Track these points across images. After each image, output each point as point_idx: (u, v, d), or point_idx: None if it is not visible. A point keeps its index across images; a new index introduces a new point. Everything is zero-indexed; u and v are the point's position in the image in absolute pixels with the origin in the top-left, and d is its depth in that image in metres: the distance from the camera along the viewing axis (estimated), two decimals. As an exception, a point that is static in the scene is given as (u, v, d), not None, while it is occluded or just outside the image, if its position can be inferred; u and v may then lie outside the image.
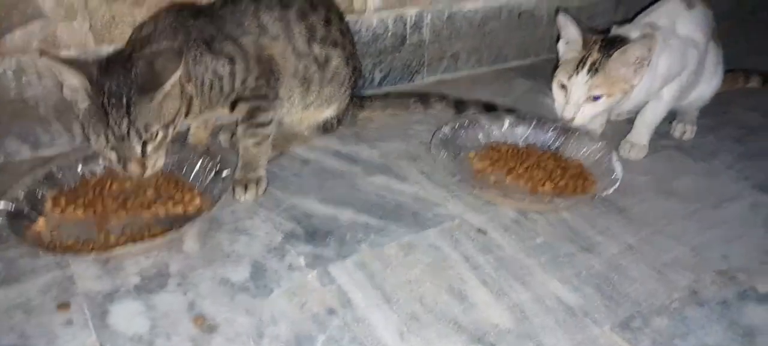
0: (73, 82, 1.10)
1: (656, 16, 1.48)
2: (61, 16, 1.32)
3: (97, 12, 1.35)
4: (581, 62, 1.36)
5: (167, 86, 1.10)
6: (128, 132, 1.09)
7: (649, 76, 1.37)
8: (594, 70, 1.33)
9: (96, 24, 1.36)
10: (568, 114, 1.38)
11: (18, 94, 1.34)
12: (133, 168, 1.13)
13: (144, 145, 1.12)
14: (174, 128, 1.17)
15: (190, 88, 1.20)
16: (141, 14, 1.39)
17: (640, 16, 1.55)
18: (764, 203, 1.33)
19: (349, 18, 1.66)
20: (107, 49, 1.38)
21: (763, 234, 1.22)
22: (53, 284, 1.03)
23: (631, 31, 1.39)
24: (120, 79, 1.09)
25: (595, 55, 1.35)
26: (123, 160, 1.13)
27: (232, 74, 1.25)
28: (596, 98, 1.35)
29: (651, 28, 1.40)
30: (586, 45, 1.38)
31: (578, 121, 1.38)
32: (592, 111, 1.37)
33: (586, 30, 1.40)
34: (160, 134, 1.14)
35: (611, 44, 1.35)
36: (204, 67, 1.22)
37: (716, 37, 1.58)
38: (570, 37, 1.41)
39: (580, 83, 1.35)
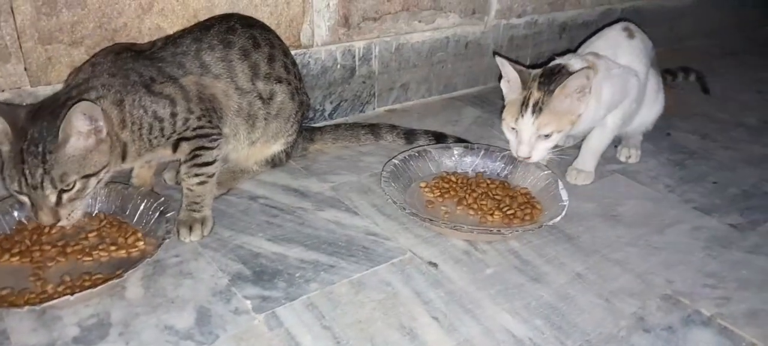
0: None
1: (598, 45, 1.52)
2: (-7, 57, 1.28)
3: (32, 53, 1.31)
4: (524, 103, 1.37)
5: (73, 137, 1.09)
6: (42, 181, 1.07)
7: (594, 104, 1.40)
8: (538, 109, 1.35)
9: (31, 66, 1.32)
10: (522, 153, 1.39)
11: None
12: (44, 216, 1.11)
13: (60, 194, 1.10)
14: (99, 180, 1.15)
15: (125, 135, 1.18)
16: (79, 54, 1.36)
17: (582, 47, 1.59)
18: (705, 226, 1.36)
19: (296, 52, 1.66)
20: (44, 91, 1.35)
21: (704, 257, 1.25)
22: (-16, 341, 0.98)
23: (572, 60, 1.42)
24: (43, 127, 1.08)
25: (535, 93, 1.36)
26: (35, 208, 1.10)
27: (174, 115, 1.22)
28: (547, 135, 1.37)
29: (594, 57, 1.44)
30: (525, 84, 1.39)
31: (535, 158, 1.39)
32: (546, 146, 1.38)
33: (523, 69, 1.42)
34: (78, 185, 1.11)
35: (549, 79, 1.37)
36: (143, 111, 1.19)
37: (656, 65, 1.63)
38: (509, 78, 1.43)
39: (527, 124, 1.36)
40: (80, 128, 1.09)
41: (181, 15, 1.46)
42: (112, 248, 1.20)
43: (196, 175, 1.27)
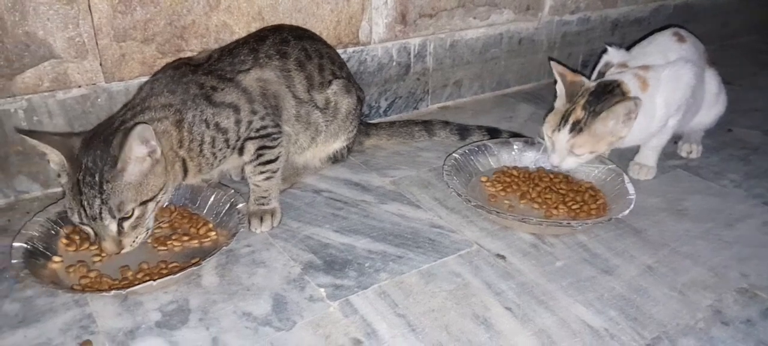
0: (53, 158, 1.10)
1: (648, 51, 1.49)
2: (71, 55, 1.32)
3: (107, 50, 1.35)
4: (564, 118, 1.36)
5: (130, 164, 1.07)
6: (100, 212, 1.06)
7: (647, 118, 1.38)
8: (578, 129, 1.34)
9: (106, 62, 1.36)
10: (555, 160, 1.40)
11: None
12: (108, 246, 1.10)
13: (120, 223, 1.09)
14: (157, 203, 1.14)
15: (183, 153, 1.18)
16: (150, 51, 1.40)
17: (633, 50, 1.55)
18: (776, 221, 1.34)
19: (354, 49, 1.69)
20: (117, 87, 1.39)
21: (778, 251, 1.23)
22: (73, 323, 1.02)
23: (625, 76, 1.39)
24: (96, 155, 1.07)
25: (578, 112, 1.35)
26: (98, 238, 1.10)
27: (238, 122, 1.23)
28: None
29: (644, 71, 1.41)
30: (571, 99, 1.38)
31: (564, 167, 1.40)
32: (577, 161, 1.39)
33: (575, 80, 1.40)
34: (137, 212, 1.10)
35: (598, 99, 1.35)
36: (205, 125, 1.19)
37: (712, 64, 1.59)
38: (558, 86, 1.43)
39: (562, 140, 1.36)
40: (138, 153, 1.07)
41: (247, 12, 1.49)
42: (185, 238, 1.23)
43: (262, 172, 1.30)
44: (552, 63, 1.44)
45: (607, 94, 1.36)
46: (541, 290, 1.11)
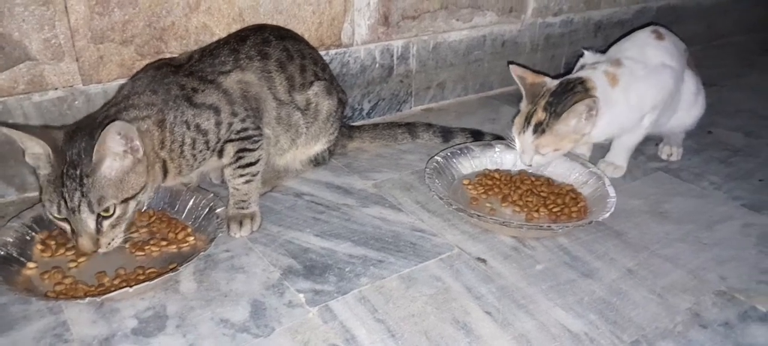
0: (37, 150, 1.08)
1: (626, 47, 1.50)
2: (47, 57, 1.30)
3: (84, 52, 1.33)
4: (527, 119, 1.39)
5: (107, 158, 1.06)
6: (79, 205, 1.05)
7: (615, 113, 1.38)
8: (541, 130, 1.36)
9: (84, 64, 1.34)
10: (525, 161, 1.43)
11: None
12: (85, 243, 1.08)
13: (99, 220, 1.08)
14: (138, 203, 1.13)
15: (163, 154, 1.17)
16: (129, 53, 1.38)
17: (611, 49, 1.56)
18: (755, 223, 1.34)
19: (336, 51, 1.68)
20: (95, 89, 1.37)
21: (757, 254, 1.23)
22: (47, 331, 1.00)
23: (593, 73, 1.40)
24: (81, 147, 1.06)
25: (539, 114, 1.37)
26: (75, 235, 1.08)
27: (218, 124, 1.23)
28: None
29: (615, 66, 1.42)
30: (532, 100, 1.41)
31: (534, 166, 1.43)
32: (544, 160, 1.42)
33: (536, 81, 1.42)
34: (118, 211, 1.09)
35: (559, 99, 1.37)
36: (186, 126, 1.19)
37: (692, 65, 1.59)
38: (521, 89, 1.45)
39: (527, 141, 1.39)
40: (115, 149, 1.06)
41: (227, 14, 1.48)
42: (163, 243, 1.21)
43: (241, 175, 1.29)
44: (511, 66, 1.46)
45: (568, 92, 1.37)
46: (521, 293, 1.11)
